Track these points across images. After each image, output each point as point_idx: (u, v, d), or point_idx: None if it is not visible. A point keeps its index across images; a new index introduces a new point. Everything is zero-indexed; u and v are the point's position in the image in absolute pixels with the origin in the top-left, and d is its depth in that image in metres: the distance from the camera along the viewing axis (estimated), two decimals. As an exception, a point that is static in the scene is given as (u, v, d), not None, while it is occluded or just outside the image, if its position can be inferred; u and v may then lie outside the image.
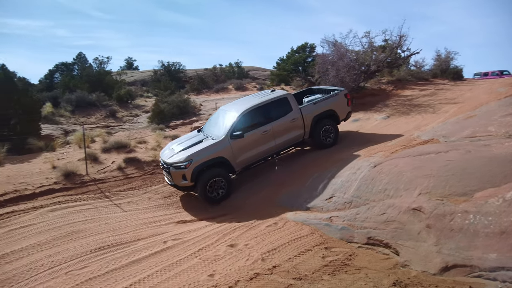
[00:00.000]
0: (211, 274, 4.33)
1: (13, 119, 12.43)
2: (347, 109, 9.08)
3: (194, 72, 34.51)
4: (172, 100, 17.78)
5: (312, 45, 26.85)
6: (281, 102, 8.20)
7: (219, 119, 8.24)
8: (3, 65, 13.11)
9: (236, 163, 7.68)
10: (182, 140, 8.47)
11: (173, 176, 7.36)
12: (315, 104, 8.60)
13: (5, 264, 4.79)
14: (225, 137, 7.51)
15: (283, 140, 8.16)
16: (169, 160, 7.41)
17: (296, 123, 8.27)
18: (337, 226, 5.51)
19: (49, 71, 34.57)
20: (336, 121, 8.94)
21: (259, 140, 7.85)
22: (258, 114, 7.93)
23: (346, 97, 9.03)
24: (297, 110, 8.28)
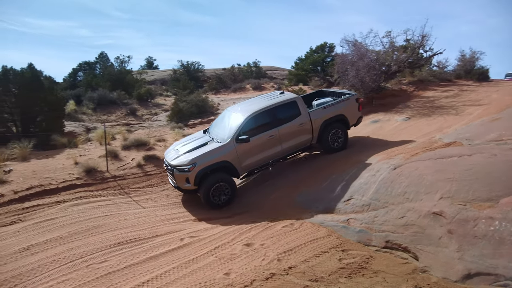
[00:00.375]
0: (227, 273, 4.36)
1: (39, 116, 12.89)
2: (358, 114, 8.81)
3: (213, 71, 34.79)
4: (191, 99, 17.98)
5: (331, 45, 26.57)
6: (290, 105, 7.96)
7: (225, 121, 8.03)
8: (31, 64, 13.54)
9: (241, 167, 7.52)
10: (187, 141, 8.31)
11: (176, 179, 7.28)
12: (325, 108, 8.35)
13: (31, 255, 4.98)
14: (230, 140, 7.33)
15: (290, 144, 7.95)
16: (173, 162, 7.30)
17: (304, 127, 8.04)
18: (355, 228, 5.43)
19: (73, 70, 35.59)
20: (346, 126, 8.67)
21: (265, 145, 7.65)
22: (265, 118, 7.68)
23: (357, 101, 8.76)
24: (306, 114, 8.04)
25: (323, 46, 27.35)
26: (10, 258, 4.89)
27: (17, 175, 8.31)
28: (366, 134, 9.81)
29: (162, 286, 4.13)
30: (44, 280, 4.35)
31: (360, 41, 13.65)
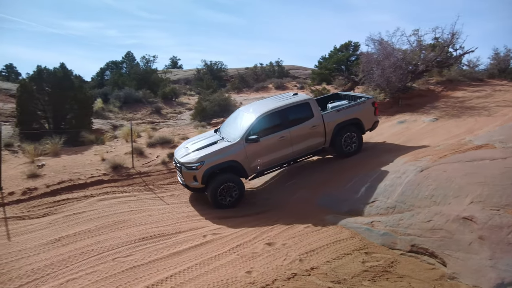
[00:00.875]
0: (248, 271, 4.38)
1: (69, 114, 13.42)
2: (373, 118, 8.52)
3: (235, 71, 34.99)
4: (214, 98, 18.16)
5: (356, 44, 26.13)
6: (302, 107, 7.78)
7: (236, 121, 7.95)
8: (62, 64, 14.10)
9: (250, 167, 7.40)
10: (198, 139, 8.30)
11: (184, 176, 7.27)
12: (339, 111, 8.12)
13: (62, 246, 5.19)
14: (240, 140, 7.23)
15: (301, 147, 7.77)
16: (181, 160, 7.29)
17: (317, 130, 7.83)
18: (379, 231, 5.32)
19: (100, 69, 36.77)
20: (361, 130, 8.38)
21: (276, 146, 7.49)
22: (276, 118, 7.54)
23: (373, 105, 8.46)
24: (319, 117, 7.83)
25: (347, 45, 26.94)
26: (43, 248, 5.13)
27: (49, 169, 8.69)
28: (392, 134, 9.57)
29: (185, 281, 4.20)
30: (73, 270, 4.52)
31: (386, 40, 13.33)
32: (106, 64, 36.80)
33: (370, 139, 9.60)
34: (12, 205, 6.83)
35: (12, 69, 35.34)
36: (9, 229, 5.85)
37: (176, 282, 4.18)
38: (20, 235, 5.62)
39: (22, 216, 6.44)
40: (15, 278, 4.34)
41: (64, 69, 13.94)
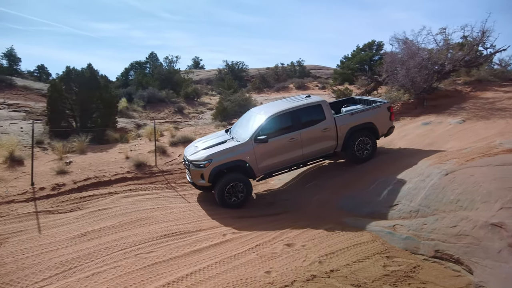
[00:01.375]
0: (267, 271, 4.39)
1: (95, 113, 13.88)
2: (389, 123, 8.24)
3: (256, 71, 35.11)
4: (235, 98, 18.31)
5: (379, 43, 25.67)
6: (314, 109, 7.64)
7: (247, 121, 7.92)
8: (89, 64, 14.62)
9: (258, 168, 7.31)
10: (208, 138, 8.34)
11: (192, 174, 7.30)
12: (352, 115, 7.90)
13: (87, 240, 5.39)
14: (249, 140, 7.17)
15: (311, 149, 7.59)
16: (190, 157, 7.34)
17: (328, 133, 7.64)
18: (401, 235, 5.21)
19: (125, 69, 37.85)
20: (375, 135, 8.09)
21: (285, 147, 7.37)
22: (287, 119, 7.45)
23: (389, 110, 8.19)
24: (331, 119, 7.66)
25: (370, 44, 26.48)
26: (71, 242, 5.34)
27: (76, 166, 9.03)
28: (416, 136, 9.32)
29: (205, 279, 4.27)
30: (98, 264, 4.68)
31: (411, 39, 12.97)
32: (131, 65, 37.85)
33: (393, 141, 9.40)
34: (43, 200, 7.14)
35: (43, 69, 36.95)
36: (40, 222, 6.12)
37: (196, 280, 4.25)
38: (50, 229, 5.87)
39: (51, 211, 6.73)
40: (45, 269, 4.55)
41: (91, 70, 14.44)
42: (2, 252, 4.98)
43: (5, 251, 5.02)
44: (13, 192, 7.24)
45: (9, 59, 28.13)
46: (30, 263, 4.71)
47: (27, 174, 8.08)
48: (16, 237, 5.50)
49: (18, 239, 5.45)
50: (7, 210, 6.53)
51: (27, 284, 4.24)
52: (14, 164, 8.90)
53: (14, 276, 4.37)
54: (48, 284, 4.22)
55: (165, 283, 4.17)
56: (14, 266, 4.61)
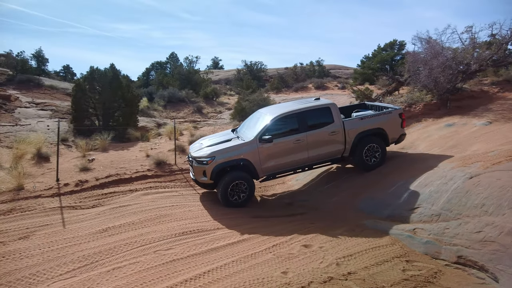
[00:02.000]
0: (284, 272, 4.39)
1: (117, 112, 14.24)
2: (400, 130, 8.01)
3: (275, 71, 35.07)
4: (253, 98, 18.34)
5: (401, 42, 25.14)
6: (322, 111, 7.52)
7: (253, 121, 7.85)
8: (112, 64, 15.01)
9: (261, 168, 7.21)
10: (214, 136, 8.36)
11: (194, 171, 7.30)
12: (362, 119, 7.73)
13: (108, 236, 5.54)
14: (253, 139, 7.11)
15: (317, 153, 7.44)
16: (194, 154, 7.35)
17: (336, 136, 7.48)
18: (422, 239, 5.08)
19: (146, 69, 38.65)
20: (385, 142, 7.87)
21: (290, 149, 7.26)
22: (294, 121, 7.34)
23: (400, 117, 7.95)
24: (339, 123, 7.50)
25: (392, 44, 25.97)
26: (93, 237, 5.51)
27: (98, 164, 9.29)
28: (439, 138, 9.05)
29: (221, 278, 4.30)
30: (118, 259, 4.81)
31: (434, 38, 12.60)
32: (151, 65, 38.63)
33: (414, 142, 9.18)
34: (67, 195, 7.39)
35: (68, 69, 38.23)
36: (64, 217, 6.34)
37: (213, 278, 4.29)
38: (73, 223, 6.07)
39: (74, 206, 6.95)
40: (69, 262, 4.71)
41: (114, 70, 14.81)
42: (29, 245, 5.19)
43: (33, 244, 5.23)
44: (40, 187, 7.53)
45: (37, 59, 29.27)
46: (55, 255, 4.89)
47: (52, 170, 8.38)
48: (42, 231, 5.72)
49: (44, 232, 5.67)
50: (34, 204, 6.80)
51: (52, 275, 4.40)
52: (41, 161, 9.27)
53: (41, 268, 4.55)
54: (71, 277, 4.37)
55: (182, 280, 4.23)
56: (40, 258, 4.80)
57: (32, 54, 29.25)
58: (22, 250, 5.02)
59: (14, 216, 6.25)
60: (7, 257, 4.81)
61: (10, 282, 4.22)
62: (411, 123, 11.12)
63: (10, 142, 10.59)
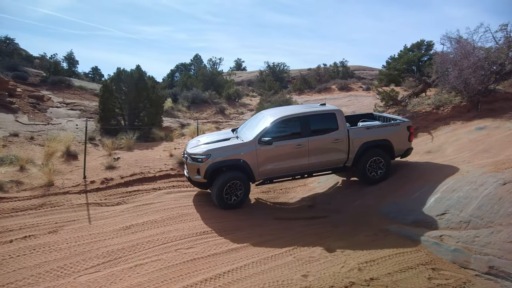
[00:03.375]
0: (304, 275, 4.33)
1: (142, 112, 14.61)
2: (407, 144, 7.65)
3: (298, 72, 34.88)
4: (275, 99, 18.33)
5: (429, 43, 24.37)
6: (327, 117, 7.22)
7: (255, 122, 7.55)
8: (138, 66, 15.41)
9: (258, 171, 6.89)
10: (212, 135, 8.16)
11: (188, 168, 7.10)
12: (368, 129, 7.42)
13: (131, 233, 5.67)
14: (253, 140, 6.81)
15: (319, 160, 7.11)
16: (189, 150, 7.12)
17: (339, 144, 7.15)
18: (449, 246, 4.88)
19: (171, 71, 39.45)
20: (390, 154, 7.52)
21: (291, 153, 6.94)
22: (296, 124, 7.05)
23: (408, 130, 7.59)
24: (344, 130, 7.17)
25: (419, 44, 25.24)
26: (116, 234, 5.65)
27: (123, 162, 9.55)
28: (469, 141, 8.68)
29: (241, 278, 4.30)
30: (141, 256, 4.91)
31: (465, 38, 12.10)
32: (176, 66, 39.36)
33: (442, 146, 8.85)
34: (93, 193, 7.64)
35: (97, 71, 39.60)
36: (90, 213, 6.55)
37: (233, 278, 4.30)
38: (98, 220, 6.26)
39: (100, 203, 7.17)
40: (94, 257, 4.86)
41: (139, 71, 15.20)
42: (58, 239, 5.40)
43: (61, 238, 5.43)
44: (68, 184, 7.82)
45: (68, 61, 30.56)
46: (81, 250, 5.06)
47: (80, 168, 8.69)
48: (70, 226, 5.94)
49: (71, 227, 5.88)
50: (63, 200, 7.07)
51: (78, 269, 4.55)
52: (69, 158, 9.65)
53: (68, 261, 4.72)
54: (96, 271, 4.50)
55: (202, 279, 4.26)
56: (68, 252, 4.98)
57: (63, 57, 30.60)
58: (51, 243, 5.23)
59: (44, 211, 6.52)
60: (37, 249, 5.02)
61: (40, 274, 4.39)
62: (438, 126, 10.74)
63: (42, 140, 11.09)
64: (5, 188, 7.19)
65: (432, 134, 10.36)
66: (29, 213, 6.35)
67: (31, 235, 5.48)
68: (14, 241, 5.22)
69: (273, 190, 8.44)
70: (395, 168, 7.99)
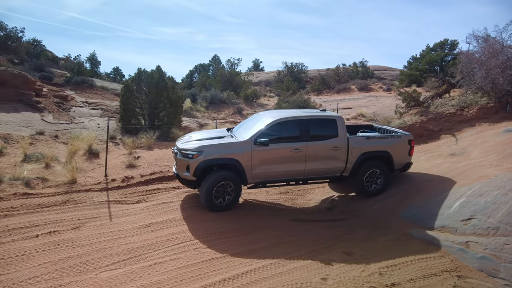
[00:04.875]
0: (323, 278, 4.26)
1: (162, 112, 14.82)
2: (407, 158, 7.40)
3: (316, 72, 34.56)
4: (293, 100, 18.24)
5: (453, 42, 23.64)
6: (327, 123, 6.99)
7: (252, 123, 7.26)
8: (158, 66, 15.65)
9: (251, 173, 6.58)
10: (206, 132, 7.93)
11: (177, 164, 6.71)
12: (368, 139, 7.19)
13: (151, 231, 5.74)
14: (248, 139, 6.51)
15: (315, 166, 6.84)
16: (180, 146, 6.76)
17: (338, 152, 6.89)
18: (476, 253, 4.69)
19: (190, 71, 39.85)
20: (389, 167, 7.26)
21: (287, 157, 6.65)
22: (295, 128, 6.79)
23: (409, 144, 7.36)
24: (344, 138, 6.93)
25: (443, 44, 24.53)
26: (136, 231, 5.74)
27: (143, 161, 9.71)
28: (496, 144, 8.33)
29: (260, 279, 4.27)
30: (160, 255, 4.96)
31: (493, 36, 11.65)
32: (195, 67, 39.73)
33: (467, 148, 8.54)
34: (114, 190, 7.79)
35: (118, 71, 40.51)
36: (111, 211, 6.68)
37: (251, 279, 4.28)
38: (119, 218, 6.38)
39: (120, 201, 7.30)
40: (114, 254, 4.94)
41: (160, 71, 15.43)
42: (80, 235, 5.53)
43: (83, 234, 5.56)
44: (90, 182, 8.01)
45: (91, 62, 31.38)
46: (102, 247, 5.16)
47: (101, 166, 8.89)
48: (91, 223, 6.07)
49: (93, 224, 6.01)
50: (85, 197, 7.24)
51: (100, 265, 4.64)
52: (91, 157, 9.90)
53: (90, 257, 4.82)
54: (116, 268, 4.58)
55: (221, 279, 4.26)
56: (89, 249, 5.09)
57: (87, 57, 31.41)
58: (74, 239, 5.36)
59: (68, 208, 6.70)
60: (61, 245, 5.16)
61: (63, 269, 4.51)
62: (463, 128, 10.40)
63: (66, 139, 11.42)
64: (31, 184, 7.44)
65: (456, 136, 10.03)
66: (54, 209, 6.54)
67: (56, 230, 5.64)
68: (39, 236, 5.38)
69: (291, 191, 8.37)
70: (416, 170, 7.78)
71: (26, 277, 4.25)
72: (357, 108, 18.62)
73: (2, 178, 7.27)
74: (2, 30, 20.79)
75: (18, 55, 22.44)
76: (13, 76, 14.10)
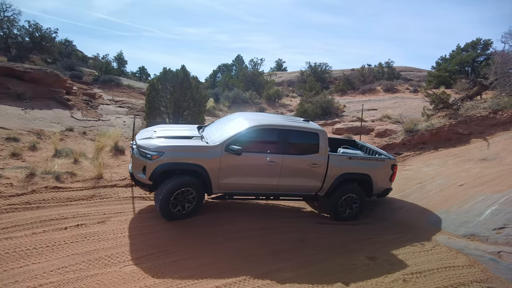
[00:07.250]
0: (345, 282, 4.19)
1: (186, 111, 15.05)
2: (387, 183, 6.82)
3: (340, 72, 34.05)
4: (316, 100, 18.04)
5: (486, 42, 22.65)
6: (309, 136, 6.32)
7: (226, 124, 6.54)
8: (183, 66, 15.88)
9: (218, 183, 5.87)
10: (173, 128, 7.16)
11: (133, 162, 5.90)
12: (350, 159, 6.55)
13: (173, 228, 5.83)
14: (219, 145, 5.74)
15: (289, 183, 6.19)
16: (139, 142, 5.91)
17: (315, 170, 6.25)
18: (509, 264, 4.47)
19: (213, 71, 40.35)
20: (367, 192, 6.68)
21: (260, 170, 5.95)
22: (273, 137, 6.10)
23: (392, 169, 6.78)
24: (324, 155, 6.28)
25: (475, 44, 23.58)
26: (158, 227, 5.79)
27: (167, 159, 9.87)
28: (532, 150, 7.93)
29: (280, 280, 4.25)
30: (183, 251, 5.02)
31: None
32: (218, 67, 40.16)
33: (499, 154, 8.15)
34: (137, 187, 7.97)
35: (143, 70, 41.56)
36: (135, 206, 6.84)
37: (271, 279, 4.25)
38: (142, 213, 6.51)
39: (144, 197, 7.45)
40: (137, 249, 5.05)
41: (184, 71, 15.66)
42: (106, 229, 5.69)
43: (108, 228, 5.72)
44: (116, 178, 8.24)
45: (118, 61, 32.38)
46: (126, 241, 5.29)
47: (126, 163, 9.12)
48: (116, 217, 6.23)
49: (118, 219, 6.16)
50: (111, 192, 7.45)
51: (124, 259, 4.75)
52: (117, 153, 10.17)
53: (114, 251, 4.95)
54: (140, 263, 4.68)
55: (241, 279, 4.26)
56: (114, 243, 5.23)
57: (114, 57, 32.43)
58: (100, 233, 5.52)
59: (94, 202, 6.91)
60: (88, 237, 5.32)
61: (90, 261, 4.65)
62: (496, 132, 9.94)
63: (93, 135, 11.81)
64: (61, 178, 7.74)
65: (488, 140, 9.60)
66: (81, 203, 6.77)
67: (83, 223, 5.83)
68: (68, 228, 5.58)
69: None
70: (444, 175, 7.50)
71: (56, 267, 4.42)
72: (383, 110, 18.17)
73: (35, 171, 7.60)
74: (38, 31, 21.77)
75: (52, 54, 23.45)
76: (46, 75, 14.76)
